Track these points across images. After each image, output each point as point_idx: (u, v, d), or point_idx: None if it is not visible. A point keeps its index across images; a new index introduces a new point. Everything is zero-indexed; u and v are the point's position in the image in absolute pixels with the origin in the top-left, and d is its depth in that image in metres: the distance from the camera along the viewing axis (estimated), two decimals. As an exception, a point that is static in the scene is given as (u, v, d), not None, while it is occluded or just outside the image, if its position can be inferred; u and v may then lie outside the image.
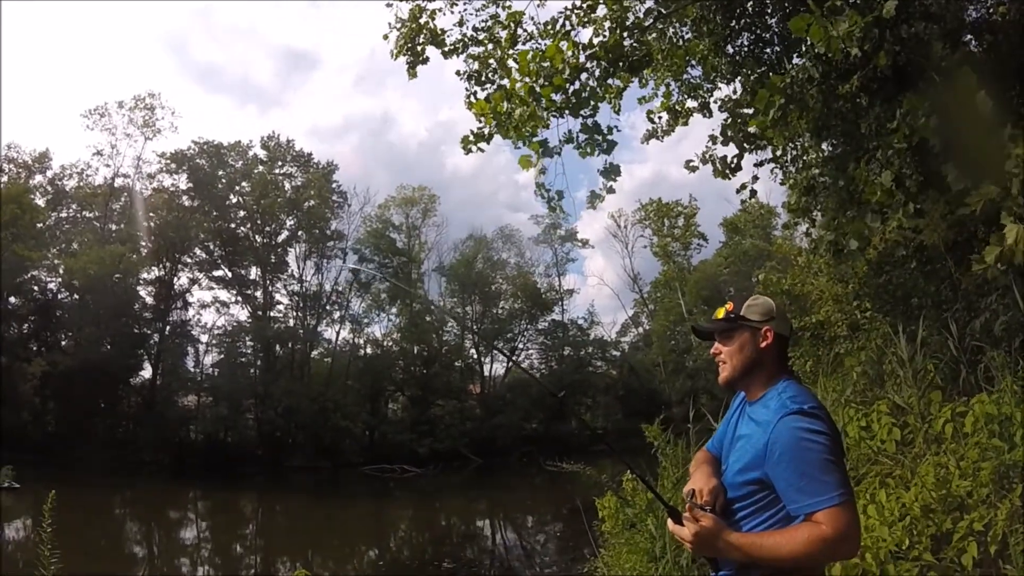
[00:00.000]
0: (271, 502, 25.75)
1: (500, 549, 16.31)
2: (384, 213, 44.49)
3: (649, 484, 3.00)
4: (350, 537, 16.92)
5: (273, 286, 40.22)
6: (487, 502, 22.07)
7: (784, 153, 9.70)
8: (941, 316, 5.69)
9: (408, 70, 9.85)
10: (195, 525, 21.53)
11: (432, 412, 37.97)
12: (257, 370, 37.94)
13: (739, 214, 41.72)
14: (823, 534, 1.85)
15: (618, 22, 8.67)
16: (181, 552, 15.97)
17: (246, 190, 39.46)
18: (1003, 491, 3.54)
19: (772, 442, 1.99)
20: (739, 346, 2.20)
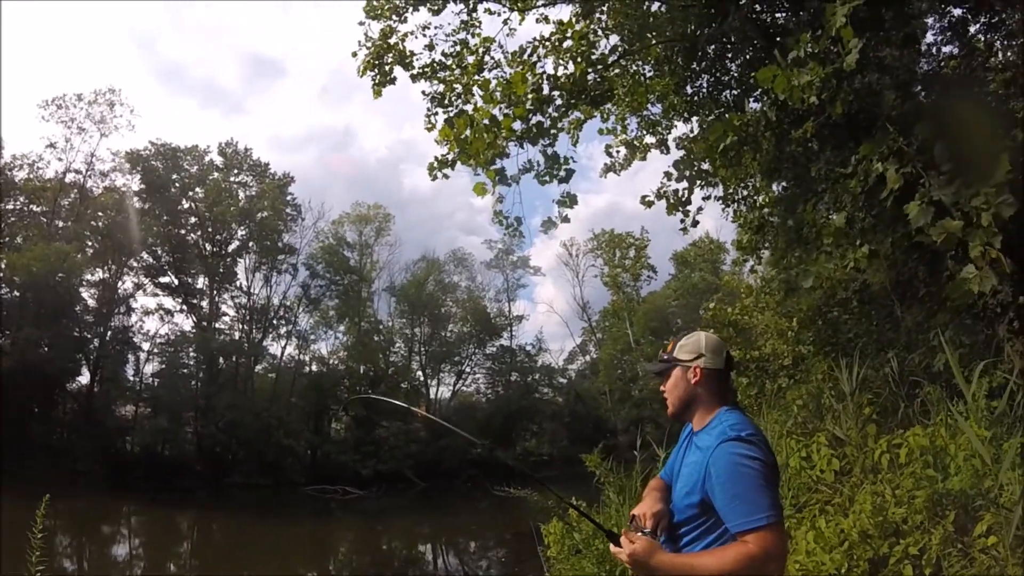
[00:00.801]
0: (209, 519, 24.90)
1: (442, 574, 16.12)
2: (338, 229, 44.05)
3: (585, 512, 3.20)
4: (289, 559, 16.48)
5: (220, 297, 39.19)
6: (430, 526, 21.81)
7: (735, 192, 10.06)
8: (881, 353, 6.00)
9: (374, 88, 9.93)
10: (128, 541, 20.67)
11: (377, 433, 37.39)
12: (199, 382, 36.73)
13: (689, 248, 42.79)
14: (750, 552, 2.00)
15: (584, 56, 8.93)
16: (112, 569, 15.30)
17: (199, 196, 38.51)
18: (937, 518, 3.76)
19: (710, 466, 2.16)
20: (674, 383, 2.42)
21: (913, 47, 6.16)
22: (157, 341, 37.62)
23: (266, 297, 40.56)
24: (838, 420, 5.94)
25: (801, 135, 6.96)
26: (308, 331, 42.26)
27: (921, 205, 4.44)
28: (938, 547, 3.51)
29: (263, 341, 40.28)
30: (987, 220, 4.03)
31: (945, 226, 4.23)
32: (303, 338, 41.86)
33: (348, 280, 42.40)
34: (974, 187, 4.08)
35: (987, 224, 4.05)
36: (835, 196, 6.34)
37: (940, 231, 4.23)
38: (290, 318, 41.20)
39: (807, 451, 5.75)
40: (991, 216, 4.02)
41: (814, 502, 5.04)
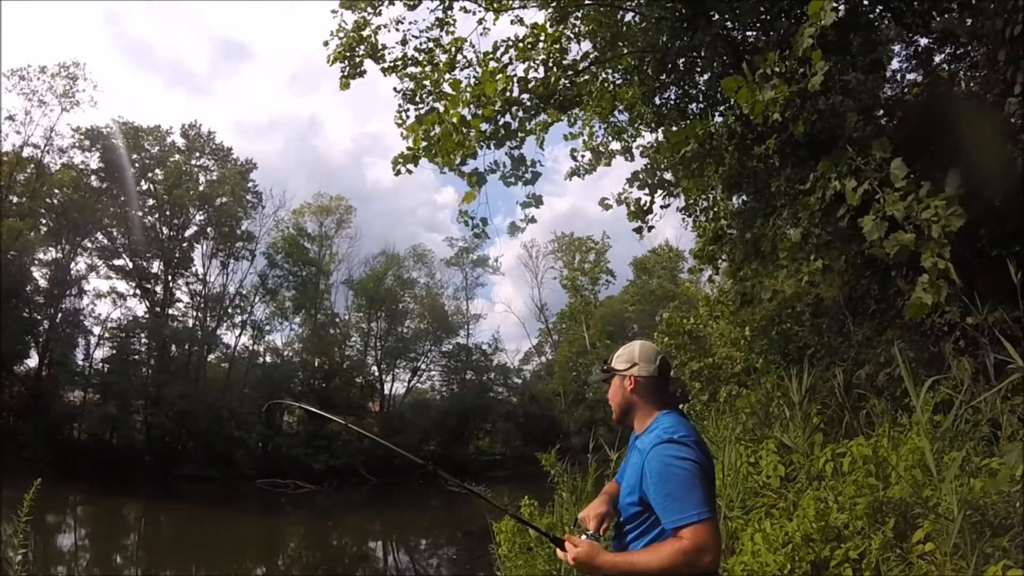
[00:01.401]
0: (157, 511, 24.28)
1: (392, 571, 16.03)
2: (298, 219, 43.47)
3: (528, 522, 3.50)
4: (238, 553, 16.20)
5: (175, 282, 38.12)
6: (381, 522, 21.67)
7: (696, 203, 10.26)
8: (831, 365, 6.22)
9: (342, 80, 9.86)
10: (74, 532, 20.03)
11: (329, 427, 36.97)
12: (150, 370, 35.63)
13: (649, 255, 43.33)
14: (684, 547, 2.14)
15: (556, 62, 9.02)
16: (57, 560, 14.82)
17: (159, 178, 37.36)
18: (877, 524, 3.93)
19: (646, 467, 2.31)
20: (614, 391, 2.58)
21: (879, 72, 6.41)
22: (108, 325, 36.40)
23: (222, 285, 39.69)
24: (786, 428, 6.14)
25: (763, 151, 7.16)
26: (263, 321, 41.53)
27: (875, 220, 4.63)
28: (878, 552, 3.67)
29: (217, 330, 39.42)
30: (937, 232, 4.24)
31: (898, 239, 4.43)
32: (258, 328, 41.18)
33: (306, 271, 41.84)
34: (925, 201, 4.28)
35: (937, 236, 4.25)
36: (793, 212, 6.56)
37: (893, 243, 4.43)
38: (246, 307, 40.40)
39: (755, 457, 5.96)
40: (941, 228, 4.22)
41: (760, 506, 5.21)
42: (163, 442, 33.48)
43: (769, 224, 7.67)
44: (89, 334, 35.80)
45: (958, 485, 3.53)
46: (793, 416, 6.17)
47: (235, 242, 39.11)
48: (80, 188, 34.77)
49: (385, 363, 44.75)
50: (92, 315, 36.25)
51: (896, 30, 6.36)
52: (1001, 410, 4.27)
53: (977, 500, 3.51)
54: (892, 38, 6.44)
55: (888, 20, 6.55)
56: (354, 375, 42.69)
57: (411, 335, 45.94)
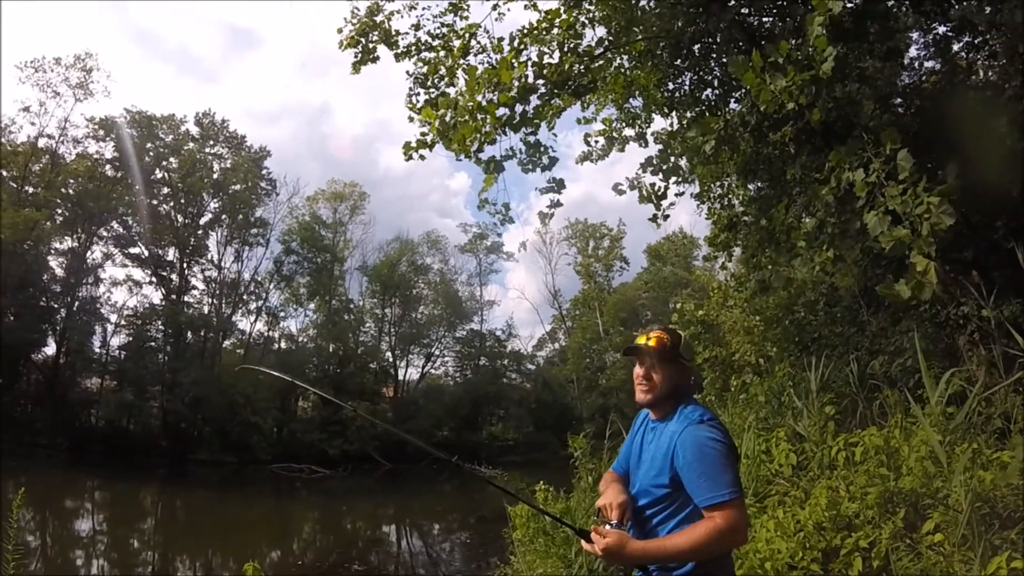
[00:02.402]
0: (173, 496, 24.64)
1: (406, 555, 16.18)
2: (312, 206, 43.65)
3: (553, 515, 3.52)
4: (254, 537, 16.41)
5: (190, 270, 38.43)
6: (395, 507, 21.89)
7: (710, 189, 10.19)
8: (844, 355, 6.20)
9: (354, 64, 9.82)
10: (92, 517, 20.36)
11: (344, 413, 37.27)
12: (166, 356, 36.07)
13: (663, 242, 43.15)
14: (718, 527, 2.19)
15: (570, 47, 8.95)
16: (75, 545, 15.09)
17: (173, 166, 37.65)
18: (888, 514, 3.94)
19: (678, 447, 2.34)
20: (669, 375, 2.54)
21: (896, 60, 6.32)
22: (125, 313, 36.87)
23: (237, 272, 39.94)
24: (800, 417, 6.14)
25: (779, 138, 7.11)
26: (278, 308, 41.88)
27: (878, 214, 4.59)
28: (888, 541, 3.69)
29: (232, 316, 39.76)
30: (927, 229, 4.20)
31: (893, 234, 4.39)
32: (273, 315, 41.51)
33: (321, 258, 42.02)
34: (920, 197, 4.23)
35: (926, 234, 4.21)
36: (808, 200, 6.51)
37: (889, 238, 4.39)
38: (260, 294, 40.71)
39: (767, 445, 5.97)
40: (930, 226, 4.18)
41: (772, 493, 5.23)
42: (179, 428, 33.87)
43: (784, 212, 7.62)
44: (106, 322, 36.40)
45: (968, 477, 3.54)
46: (807, 405, 6.17)
47: (249, 229, 39.35)
48: (95, 178, 35.04)
49: (399, 349, 45.02)
50: (108, 303, 36.84)
51: (914, 17, 6.25)
52: (1013, 403, 4.26)
53: (987, 492, 3.51)
54: (910, 26, 6.34)
55: (906, 7, 6.44)
56: (368, 361, 42.98)
57: (425, 321, 46.17)
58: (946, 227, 4.14)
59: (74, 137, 35.51)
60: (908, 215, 4.27)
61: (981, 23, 5.90)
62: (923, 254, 4.23)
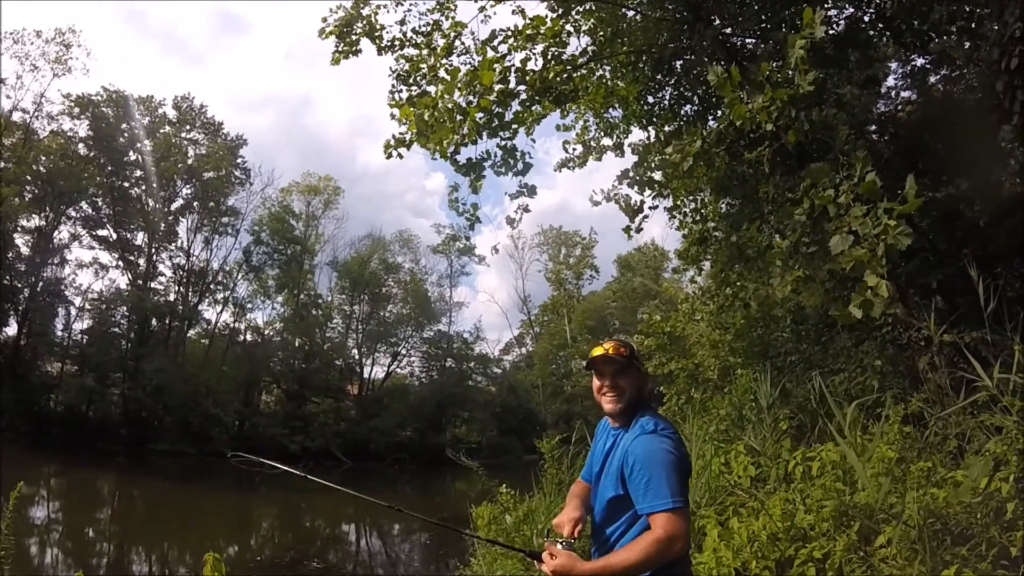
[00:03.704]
0: (131, 485, 24.11)
1: (365, 555, 16.07)
2: (286, 197, 43.27)
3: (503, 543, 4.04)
4: (211, 530, 16.15)
5: (158, 255, 37.85)
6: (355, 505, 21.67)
7: (683, 203, 10.33)
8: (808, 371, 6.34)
9: (334, 55, 9.73)
10: (47, 504, 19.89)
11: (307, 408, 36.89)
12: (129, 343, 35.44)
13: (633, 253, 43.54)
14: (657, 536, 2.24)
15: (554, 55, 9.01)
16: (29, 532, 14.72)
17: (147, 149, 37.00)
18: (842, 527, 4.05)
19: (628, 455, 2.40)
20: (635, 382, 2.61)
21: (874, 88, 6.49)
22: (89, 297, 36.18)
23: (205, 260, 39.49)
24: (755, 432, 6.28)
25: (754, 157, 7.24)
26: (246, 299, 41.45)
27: (842, 234, 4.70)
28: (842, 553, 3.79)
29: (199, 305, 39.24)
30: (881, 250, 4.31)
31: (852, 254, 4.51)
32: (240, 306, 41.03)
33: (291, 250, 41.63)
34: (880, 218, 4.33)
35: (880, 254, 4.32)
36: (780, 220, 6.65)
37: (848, 258, 4.50)
38: (228, 284, 40.28)
39: (726, 457, 6.08)
40: (885, 246, 4.29)
41: (729, 504, 5.33)
42: (139, 416, 33.28)
43: (756, 229, 7.76)
44: (69, 304, 35.64)
45: (922, 494, 3.65)
46: (761, 420, 6.31)
47: (220, 218, 38.86)
48: (67, 156, 34.27)
49: (366, 346, 44.77)
50: (73, 285, 36.05)
51: (894, 48, 6.43)
52: (969, 425, 4.40)
53: (940, 509, 3.63)
54: (889, 56, 6.53)
55: (887, 38, 6.62)
56: (334, 357, 42.68)
57: (393, 320, 45.98)
58: (903, 247, 4.24)
59: (49, 113, 34.77)
60: (867, 236, 4.38)
61: (959, 57, 6.08)
62: (876, 273, 4.33)
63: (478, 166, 8.65)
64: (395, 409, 40.42)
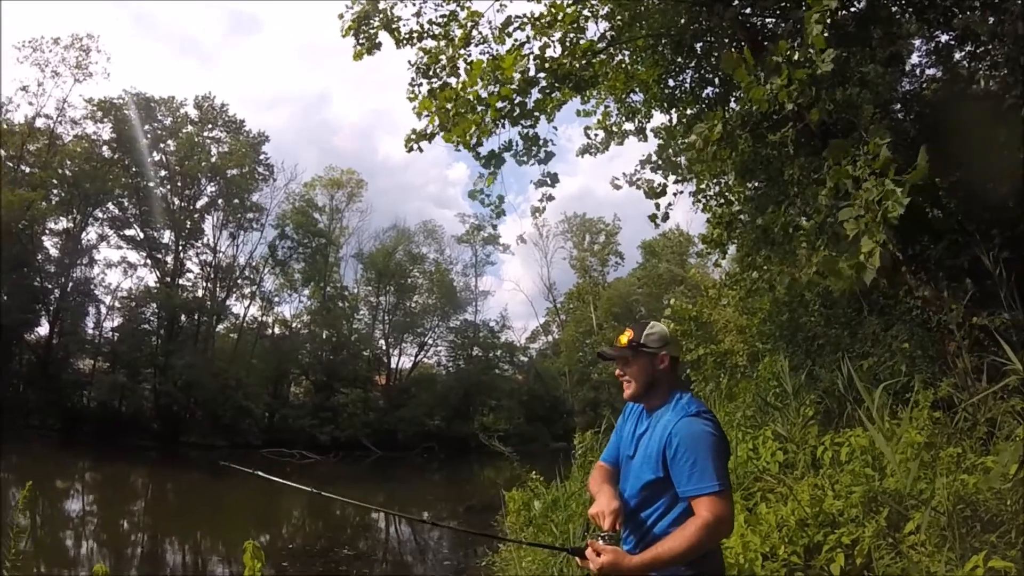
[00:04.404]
0: (163, 478, 24.46)
1: (394, 542, 16.24)
2: (309, 192, 43.56)
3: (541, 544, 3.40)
4: (244, 520, 16.41)
5: (185, 253, 38.32)
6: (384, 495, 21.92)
7: (707, 187, 10.22)
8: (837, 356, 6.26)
9: (356, 51, 9.75)
10: (82, 497, 20.35)
11: (335, 400, 37.32)
12: (159, 339, 36.06)
13: (658, 239, 43.22)
14: (706, 521, 2.21)
15: (573, 42, 8.94)
16: (64, 525, 15.12)
17: (171, 149, 37.56)
18: (871, 513, 4.01)
19: (672, 437, 2.35)
20: (640, 369, 2.57)
21: (897, 66, 6.34)
22: (119, 295, 36.85)
23: (232, 256, 39.93)
24: (781, 418, 6.23)
25: (778, 138, 7.13)
26: (272, 293, 41.87)
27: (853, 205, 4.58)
28: (871, 540, 3.75)
29: (227, 300, 39.70)
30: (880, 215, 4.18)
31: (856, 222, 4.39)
32: (267, 300, 41.52)
33: (316, 243, 41.95)
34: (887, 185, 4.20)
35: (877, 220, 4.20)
36: (805, 202, 6.55)
37: (852, 227, 4.38)
38: (255, 279, 40.69)
39: (754, 443, 6.04)
40: (883, 213, 4.18)
41: (757, 490, 5.30)
42: (170, 410, 33.88)
43: (781, 212, 7.66)
44: (99, 303, 36.34)
45: (952, 480, 3.60)
46: (786, 406, 6.26)
47: (245, 214, 39.28)
48: (92, 159, 34.87)
49: (392, 337, 45.16)
50: (103, 284, 36.75)
51: (917, 25, 6.26)
52: (999, 410, 4.32)
53: (970, 496, 3.57)
54: (912, 32, 6.36)
55: (909, 15, 6.45)
56: (361, 348, 43.09)
57: (419, 310, 46.29)
58: (896, 213, 4.13)
59: (72, 118, 35.35)
60: (870, 203, 4.28)
61: (984, 33, 5.91)
62: (873, 239, 4.23)
63: (499, 158, 8.61)
64: (422, 398, 40.77)
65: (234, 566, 11.81)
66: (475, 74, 8.04)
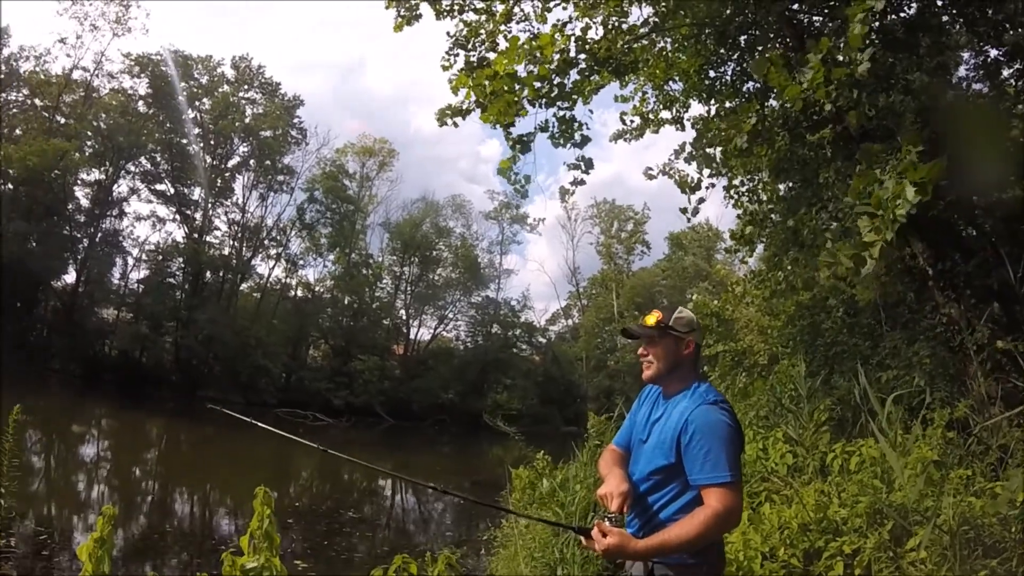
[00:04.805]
0: (178, 430, 24.96)
1: (399, 510, 16.50)
2: (341, 158, 43.71)
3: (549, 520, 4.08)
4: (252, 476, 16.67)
5: (214, 210, 38.81)
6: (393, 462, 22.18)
7: (741, 183, 10.10)
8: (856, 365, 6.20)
9: (397, 21, 9.71)
10: (97, 443, 20.87)
11: (352, 365, 37.74)
12: (184, 293, 36.62)
13: (686, 231, 42.83)
14: (715, 511, 2.20)
15: (615, 25, 8.83)
16: (79, 469, 15.52)
17: (206, 107, 37.91)
18: (876, 524, 3.99)
19: (687, 424, 2.34)
20: (665, 350, 2.55)
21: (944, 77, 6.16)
22: (146, 248, 37.48)
23: (260, 216, 40.31)
24: (794, 421, 6.20)
25: (816, 139, 7.02)
26: (298, 256, 42.17)
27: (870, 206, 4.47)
28: (872, 551, 3.74)
29: (252, 260, 40.23)
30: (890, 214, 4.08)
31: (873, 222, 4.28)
32: (292, 262, 41.83)
33: (344, 209, 42.18)
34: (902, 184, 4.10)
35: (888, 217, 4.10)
36: (838, 206, 6.45)
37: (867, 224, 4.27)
38: (282, 240, 41.07)
39: (764, 444, 6.03)
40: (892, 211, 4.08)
41: (763, 490, 5.30)
42: (190, 364, 34.52)
43: (813, 214, 7.56)
44: (127, 255, 37.02)
45: (959, 500, 3.57)
46: (799, 411, 6.22)
47: (276, 175, 39.59)
48: (127, 113, 35.30)
49: (413, 308, 45.47)
50: (131, 237, 37.36)
51: (967, 37, 6.10)
52: (1012, 437, 4.27)
53: (975, 518, 3.54)
54: (961, 44, 6.18)
55: (960, 26, 6.27)
56: (382, 316, 43.50)
57: (442, 283, 46.50)
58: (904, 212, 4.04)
59: (109, 71, 35.79)
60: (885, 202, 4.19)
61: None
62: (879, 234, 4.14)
63: (525, 143, 8.55)
64: (439, 371, 41.06)
65: (240, 519, 12.09)
66: (512, 51, 7.97)
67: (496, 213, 48.28)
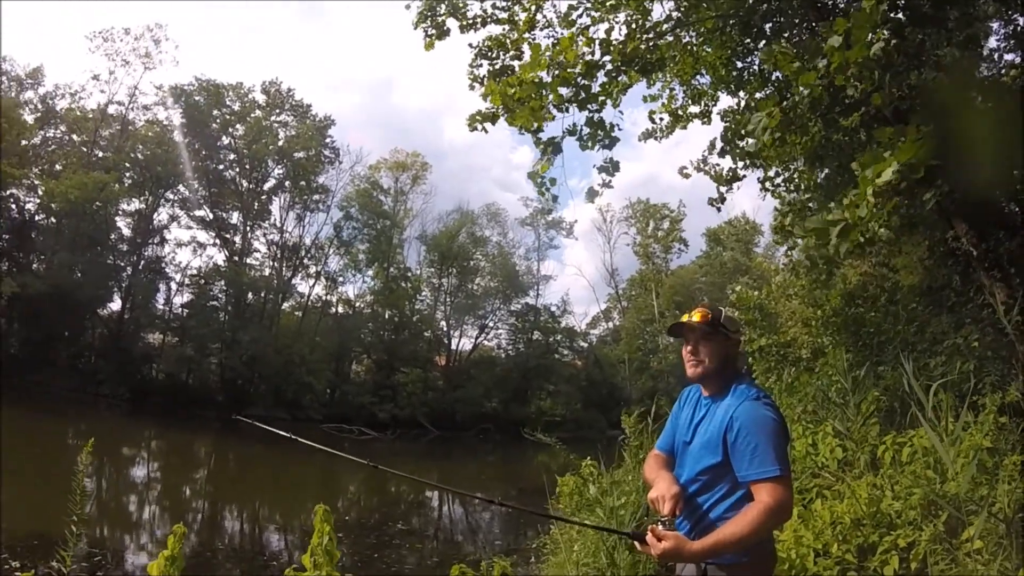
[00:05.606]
0: (225, 448, 25.46)
1: (446, 521, 16.55)
2: (374, 174, 44.26)
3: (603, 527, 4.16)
4: (300, 492, 16.92)
5: (253, 233, 39.86)
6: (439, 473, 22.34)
7: (776, 174, 9.93)
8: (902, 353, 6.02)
9: (426, 40, 9.81)
10: (147, 464, 21.38)
11: (395, 378, 38.08)
12: (227, 315, 37.56)
13: (723, 226, 42.31)
14: (766, 506, 2.17)
15: (637, 24, 8.77)
16: (129, 490, 15.94)
17: (239, 133, 38.92)
18: (930, 517, 3.86)
19: (732, 421, 2.33)
20: (715, 349, 2.53)
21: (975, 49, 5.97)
22: (188, 273, 38.55)
23: (298, 236, 41.16)
24: (842, 414, 6.03)
25: (849, 124, 6.86)
26: (337, 273, 42.88)
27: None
28: (927, 544, 3.62)
29: (292, 279, 41.06)
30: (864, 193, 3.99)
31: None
32: (332, 279, 42.53)
33: (380, 225, 42.69)
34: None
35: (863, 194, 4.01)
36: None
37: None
38: (320, 258, 41.85)
39: (814, 439, 5.88)
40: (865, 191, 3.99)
41: (813, 486, 5.17)
42: (235, 384, 35.28)
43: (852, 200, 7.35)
44: (170, 280, 38.23)
45: (1014, 487, 3.43)
46: (847, 403, 6.06)
47: (311, 195, 40.35)
48: (163, 143, 36.51)
49: (453, 318, 45.65)
50: (173, 263, 38.55)
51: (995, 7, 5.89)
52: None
53: (1033, 506, 3.41)
54: (991, 15, 5.97)
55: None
56: (423, 329, 43.74)
57: (481, 292, 46.56)
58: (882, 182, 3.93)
59: (143, 104, 37.27)
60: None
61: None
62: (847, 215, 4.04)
63: (556, 146, 8.53)
64: (481, 380, 41.14)
65: (289, 535, 12.25)
66: (535, 57, 7.97)
67: (531, 219, 48.34)
